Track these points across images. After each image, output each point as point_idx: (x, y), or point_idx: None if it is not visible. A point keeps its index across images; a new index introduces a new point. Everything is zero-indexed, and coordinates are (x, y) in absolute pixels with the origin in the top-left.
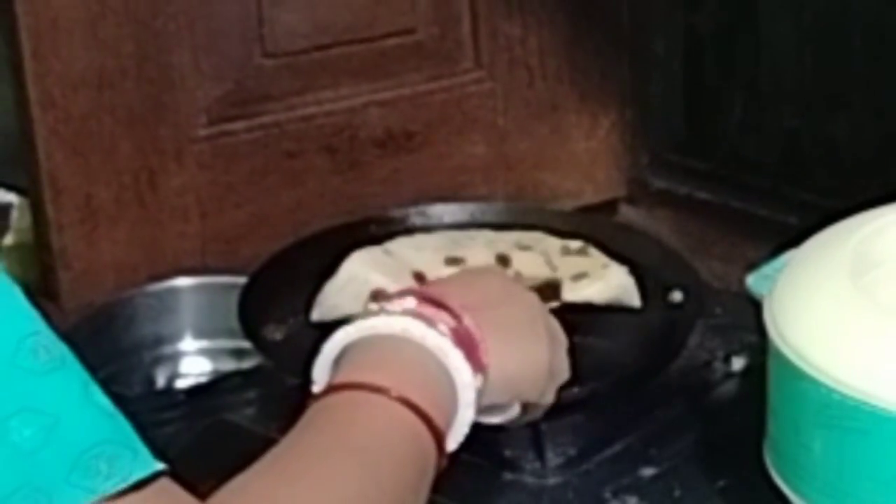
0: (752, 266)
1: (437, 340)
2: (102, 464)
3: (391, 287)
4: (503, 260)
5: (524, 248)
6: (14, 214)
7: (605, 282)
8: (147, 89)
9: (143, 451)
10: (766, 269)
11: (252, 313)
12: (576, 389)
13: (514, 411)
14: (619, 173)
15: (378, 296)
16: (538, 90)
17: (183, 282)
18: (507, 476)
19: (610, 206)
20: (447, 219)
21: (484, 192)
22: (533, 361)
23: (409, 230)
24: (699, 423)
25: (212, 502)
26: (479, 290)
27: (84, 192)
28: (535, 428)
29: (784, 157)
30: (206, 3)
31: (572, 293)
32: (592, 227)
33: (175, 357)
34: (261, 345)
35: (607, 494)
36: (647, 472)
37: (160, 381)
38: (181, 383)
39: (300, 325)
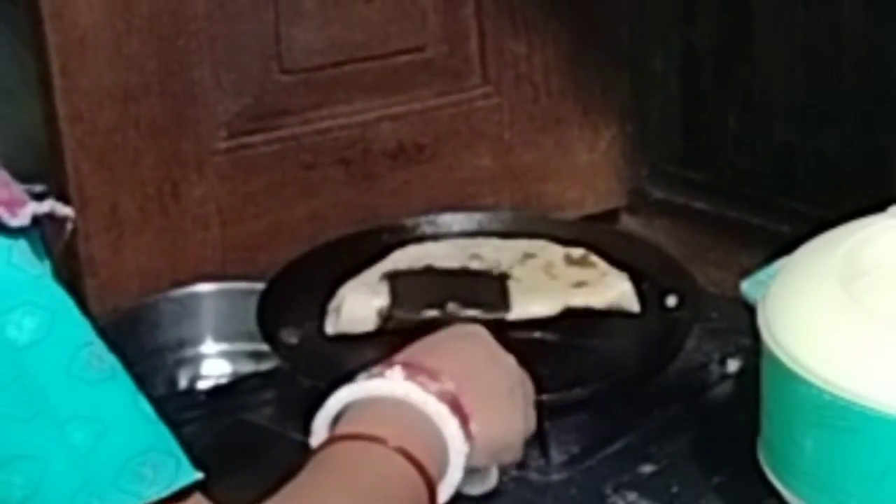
0: (747, 272)
1: (437, 406)
2: (148, 470)
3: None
4: (503, 277)
5: (529, 255)
6: (68, 227)
7: (605, 288)
8: (170, 104)
9: (185, 460)
10: (760, 275)
11: (269, 318)
12: (579, 390)
13: (492, 481)
14: (619, 184)
15: (372, 363)
16: (542, 105)
17: (204, 287)
18: (513, 473)
19: (611, 216)
20: (456, 227)
21: (491, 201)
22: (513, 429)
23: (420, 238)
24: (696, 422)
25: None
26: (464, 359)
27: (110, 202)
28: (539, 427)
29: (777, 168)
30: (226, 21)
31: (574, 299)
32: (594, 236)
33: (196, 359)
34: (277, 348)
35: (608, 490)
36: (647, 469)
37: (182, 382)
38: (202, 384)
39: (315, 330)
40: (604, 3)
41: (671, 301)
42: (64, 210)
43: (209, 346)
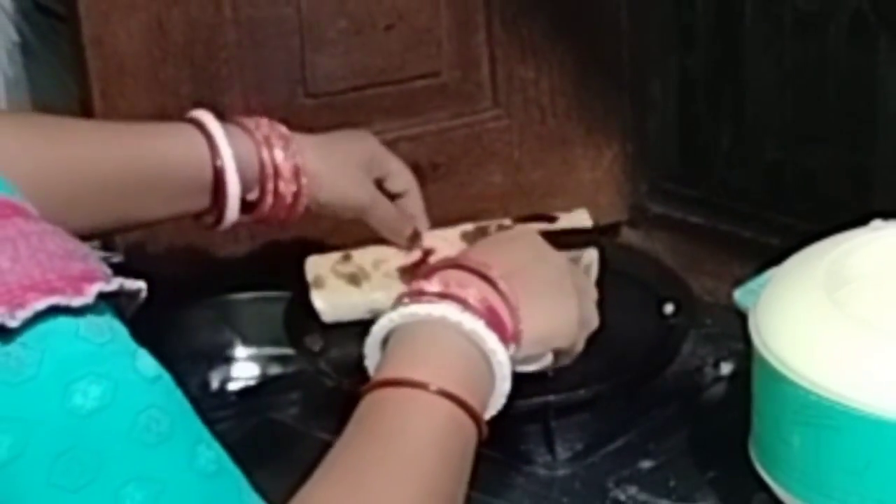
0: (739, 282)
1: (473, 324)
2: None
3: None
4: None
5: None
6: (141, 296)
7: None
8: None
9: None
10: (751, 284)
11: (295, 324)
12: (582, 392)
13: (548, 360)
14: (620, 200)
15: (417, 268)
16: (549, 126)
17: (235, 296)
18: (521, 468)
19: (613, 229)
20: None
21: (500, 216)
22: (564, 317)
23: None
24: (691, 421)
25: None
26: (510, 254)
27: None
28: (546, 425)
29: (767, 185)
30: (255, 49)
31: None
32: (593, 248)
33: (228, 362)
34: (302, 352)
35: (610, 484)
36: (646, 464)
37: (214, 384)
38: (233, 386)
39: (337, 335)
40: (606, 32)
41: (668, 309)
42: (133, 286)
43: (239, 351)
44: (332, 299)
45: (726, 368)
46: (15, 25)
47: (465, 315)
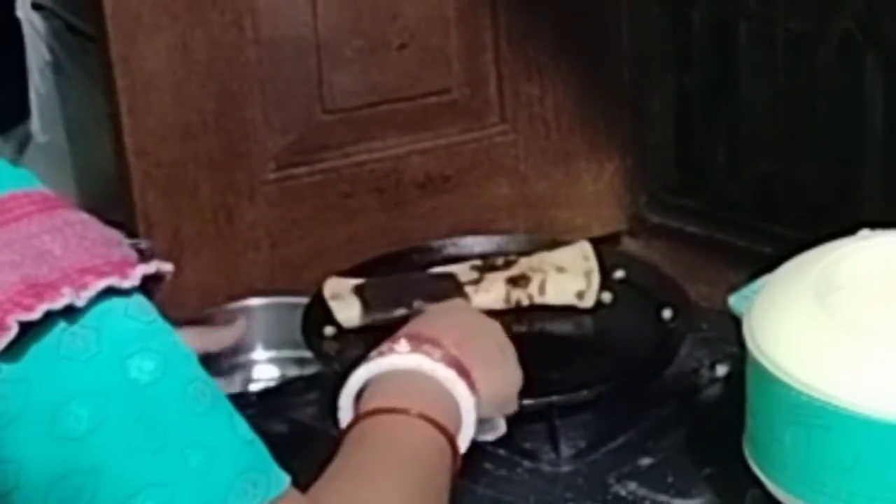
0: (734, 288)
1: (445, 373)
2: (249, 486)
3: None
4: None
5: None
6: (168, 278)
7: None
8: (225, 140)
9: (276, 472)
10: (745, 291)
11: (312, 328)
12: (585, 393)
13: (502, 428)
14: (621, 210)
15: (378, 342)
16: (553, 141)
17: (255, 301)
18: (527, 465)
19: (614, 238)
20: (477, 249)
21: (507, 226)
22: (509, 381)
23: (446, 259)
24: (689, 420)
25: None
26: (457, 326)
27: (172, 226)
28: (550, 424)
29: (760, 197)
30: (275, 67)
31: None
32: (599, 256)
33: (248, 365)
34: (320, 355)
35: (611, 480)
36: (645, 461)
37: (236, 385)
38: (254, 387)
39: (351, 339)
40: (607, 51)
41: (667, 314)
42: (166, 267)
43: (260, 353)
44: (348, 311)
45: (722, 370)
46: (47, 45)
47: (438, 364)
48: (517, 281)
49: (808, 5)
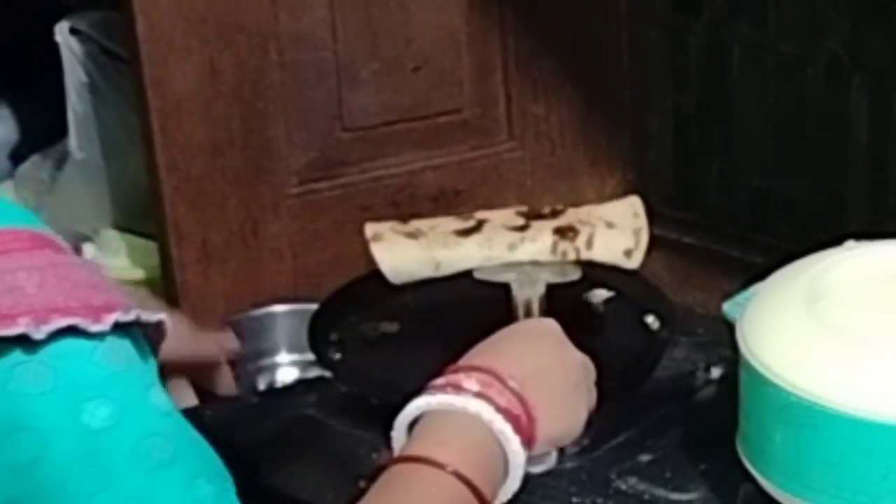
0: (727, 296)
1: (502, 426)
2: None
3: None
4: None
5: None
6: (165, 328)
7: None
8: (250, 156)
9: None
10: (738, 298)
11: (319, 334)
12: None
13: (552, 461)
14: None
15: (446, 370)
16: (558, 157)
17: (278, 308)
18: None
19: None
20: None
21: None
22: (575, 420)
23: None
24: (685, 419)
25: None
26: (533, 358)
27: (201, 237)
28: None
29: (752, 210)
30: (297, 88)
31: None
32: (598, 266)
33: (272, 367)
34: (323, 359)
35: (613, 476)
36: (645, 458)
37: (261, 386)
38: (277, 386)
39: (355, 346)
40: (608, 73)
41: (651, 320)
42: (152, 317)
43: (283, 357)
44: (392, 250)
45: (716, 372)
46: (84, 68)
47: (497, 416)
48: (564, 232)
49: (797, 30)
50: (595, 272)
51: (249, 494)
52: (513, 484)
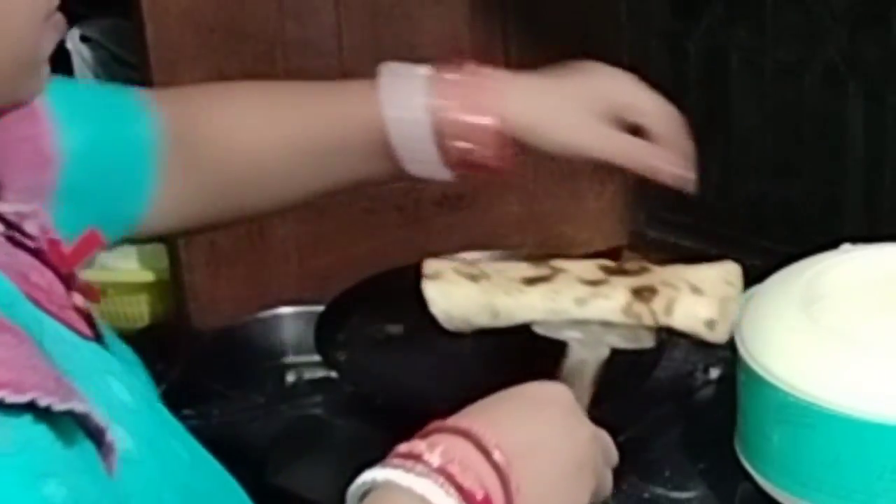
0: None
1: None
2: None
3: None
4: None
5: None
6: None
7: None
8: None
9: None
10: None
11: (325, 335)
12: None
13: None
14: (622, 226)
15: (425, 429)
16: (559, 162)
17: (285, 310)
18: None
19: (615, 252)
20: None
21: (517, 241)
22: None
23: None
24: (684, 419)
25: None
26: (530, 430)
27: (209, 240)
28: None
29: (750, 214)
30: None
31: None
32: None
33: (279, 368)
34: (329, 361)
35: (613, 475)
36: (645, 457)
37: (269, 385)
38: (285, 386)
39: (361, 347)
40: None
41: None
42: (60, 406)
43: (289, 358)
44: (448, 292)
45: (715, 373)
46: (94, 74)
47: (448, 501)
48: (642, 292)
49: (794, 37)
50: None
51: (256, 493)
52: None
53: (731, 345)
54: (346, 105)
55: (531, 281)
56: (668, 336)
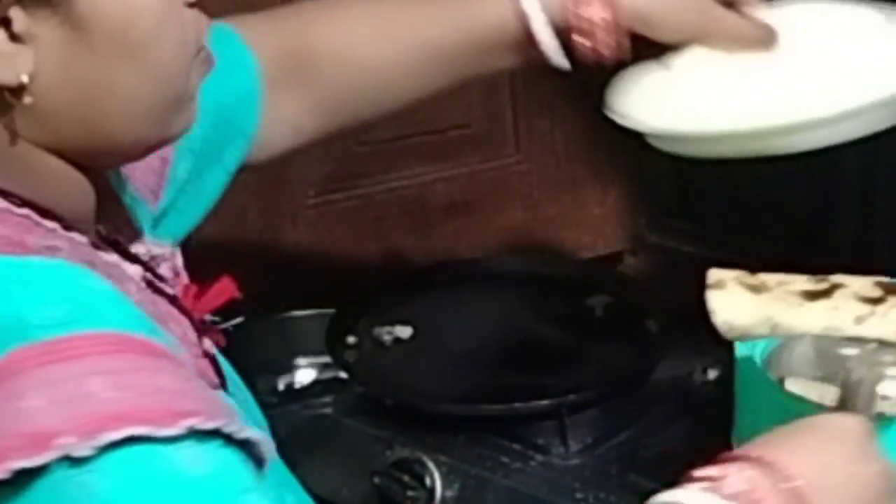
0: None
1: None
2: None
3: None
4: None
5: None
6: None
7: None
8: (270, 169)
9: None
10: None
11: (336, 336)
12: (591, 393)
13: None
14: (623, 232)
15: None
16: (563, 169)
17: (297, 313)
18: (540, 458)
19: (617, 257)
20: (497, 268)
21: (522, 245)
22: None
23: (468, 277)
24: (684, 418)
25: None
26: (825, 459)
27: (223, 245)
28: (560, 422)
29: (745, 219)
30: None
31: None
32: (600, 274)
33: (291, 368)
34: (340, 363)
35: (615, 471)
36: (645, 455)
37: (281, 386)
38: (295, 387)
39: (369, 348)
40: None
41: (653, 326)
42: (241, 433)
43: (301, 359)
44: (731, 303)
45: (712, 374)
46: None
47: None
48: None
49: None
50: (594, 277)
51: None
52: None
53: (728, 347)
54: (471, 4)
55: (811, 295)
56: None
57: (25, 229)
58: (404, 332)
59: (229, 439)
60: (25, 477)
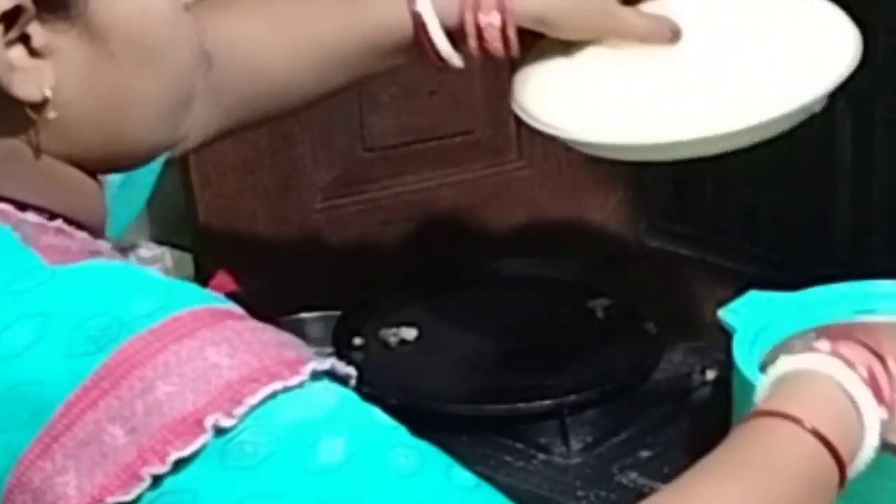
0: (721, 303)
1: (855, 388)
2: None
3: None
4: None
5: None
6: (351, 383)
7: None
8: (278, 174)
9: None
10: (732, 305)
11: (343, 337)
12: (592, 393)
13: None
14: (623, 236)
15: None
16: (565, 175)
17: (305, 315)
18: (541, 457)
19: (617, 260)
20: (501, 270)
21: (525, 249)
22: None
23: (470, 279)
24: (682, 418)
25: (659, 498)
26: None
27: (232, 249)
28: (561, 422)
29: (744, 224)
30: (322, 111)
31: None
32: (600, 277)
33: None
34: (347, 362)
35: (615, 470)
36: (645, 454)
37: None
38: None
39: (376, 349)
40: None
41: (651, 327)
42: (345, 370)
43: None
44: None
45: (711, 375)
46: None
47: (849, 373)
48: None
49: None
50: (595, 280)
51: None
52: (867, 453)
53: (726, 348)
54: (367, 6)
55: None
56: None
57: (65, 238)
58: (410, 333)
59: (330, 374)
60: (183, 462)
